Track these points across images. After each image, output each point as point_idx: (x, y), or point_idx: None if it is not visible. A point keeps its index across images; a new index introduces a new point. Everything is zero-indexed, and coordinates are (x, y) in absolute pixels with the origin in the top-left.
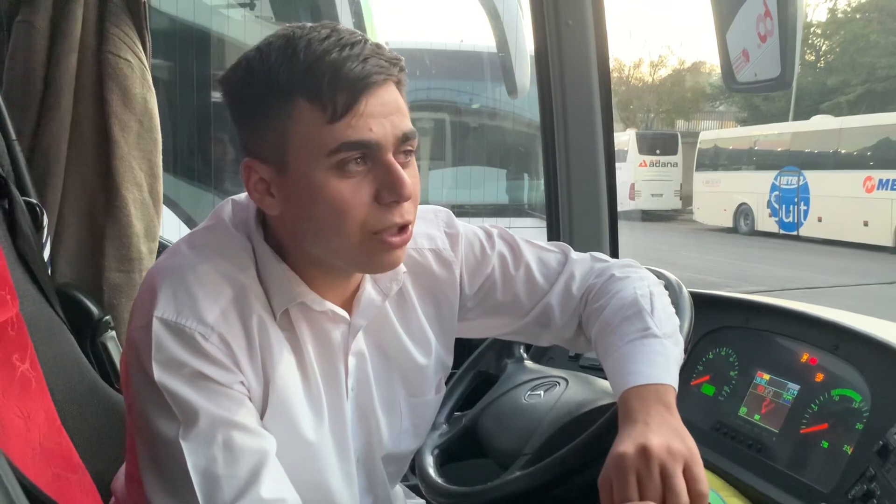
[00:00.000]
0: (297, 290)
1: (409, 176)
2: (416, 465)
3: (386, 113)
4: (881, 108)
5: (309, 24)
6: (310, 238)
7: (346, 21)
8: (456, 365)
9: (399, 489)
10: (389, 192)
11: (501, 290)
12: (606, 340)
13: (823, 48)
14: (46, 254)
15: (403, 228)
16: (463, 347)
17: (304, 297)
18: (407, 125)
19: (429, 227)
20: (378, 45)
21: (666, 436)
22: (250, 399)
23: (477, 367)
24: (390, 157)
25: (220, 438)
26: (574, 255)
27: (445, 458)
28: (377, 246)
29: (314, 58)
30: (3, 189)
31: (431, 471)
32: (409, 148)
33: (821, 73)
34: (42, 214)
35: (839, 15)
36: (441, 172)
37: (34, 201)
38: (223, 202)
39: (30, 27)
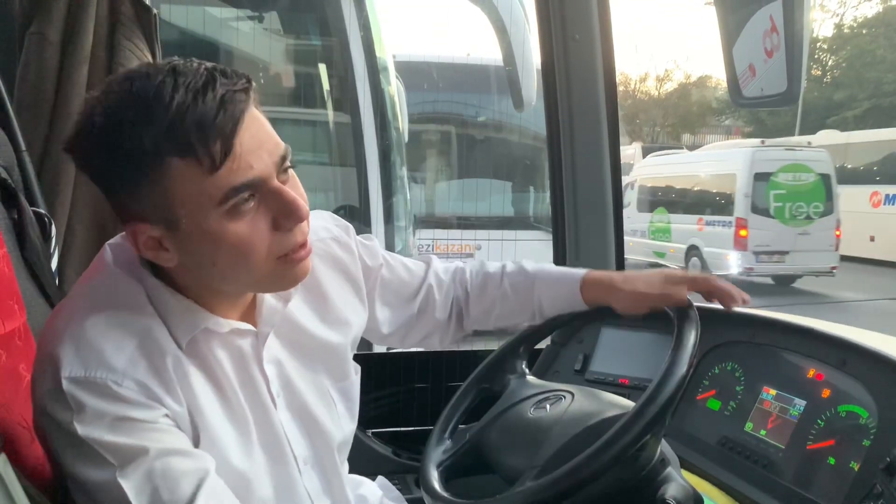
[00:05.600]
0: (198, 318)
1: (295, 191)
2: (420, 481)
3: (259, 144)
4: (887, 124)
5: (144, 69)
6: (217, 279)
7: (354, 34)
8: (459, 380)
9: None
10: (287, 219)
11: (389, 271)
12: (516, 282)
13: (830, 63)
14: (54, 264)
15: (305, 242)
16: (466, 362)
17: (206, 322)
18: (281, 146)
19: (321, 221)
20: (224, 72)
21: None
22: (180, 428)
23: (479, 385)
24: (276, 184)
25: (158, 467)
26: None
27: (451, 473)
28: (285, 266)
29: (173, 113)
30: (12, 199)
31: (436, 484)
32: (287, 164)
33: (827, 88)
34: (50, 224)
35: (845, 30)
36: (447, 185)
37: (43, 211)
38: (102, 249)
39: (42, 39)
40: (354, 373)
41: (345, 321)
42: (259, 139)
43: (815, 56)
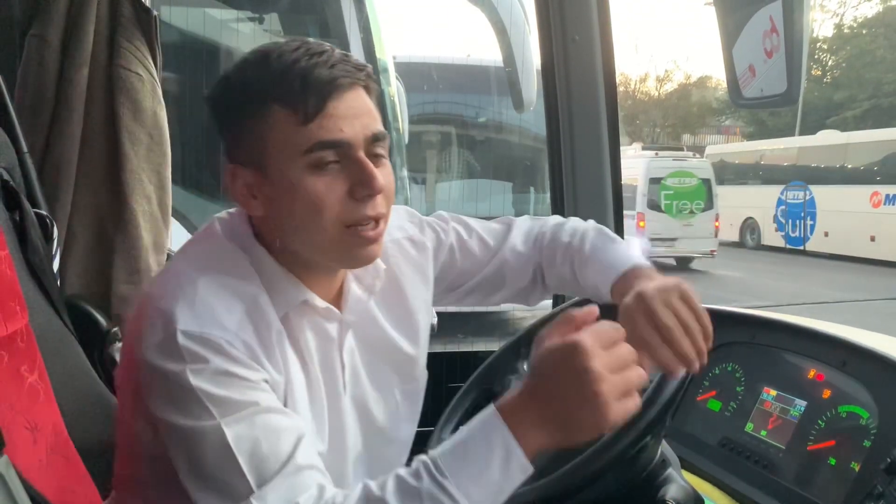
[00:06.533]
0: (298, 291)
1: (382, 174)
2: None
3: (355, 115)
4: (887, 124)
5: (282, 41)
6: (291, 235)
7: (354, 36)
8: (459, 381)
9: None
10: (362, 187)
11: (460, 257)
12: (580, 261)
13: (830, 63)
14: (56, 265)
15: (377, 222)
16: (467, 363)
17: (305, 295)
18: (377, 127)
19: (398, 220)
20: (345, 54)
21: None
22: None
23: (480, 385)
24: (361, 154)
25: (260, 421)
26: (516, 219)
27: None
28: (353, 240)
29: (285, 66)
30: (14, 201)
31: None
32: (380, 149)
33: (827, 89)
34: (52, 226)
35: (845, 30)
36: (448, 185)
37: (44, 213)
38: (210, 221)
39: (42, 41)
40: (423, 376)
41: (418, 330)
42: (356, 112)
43: (815, 56)
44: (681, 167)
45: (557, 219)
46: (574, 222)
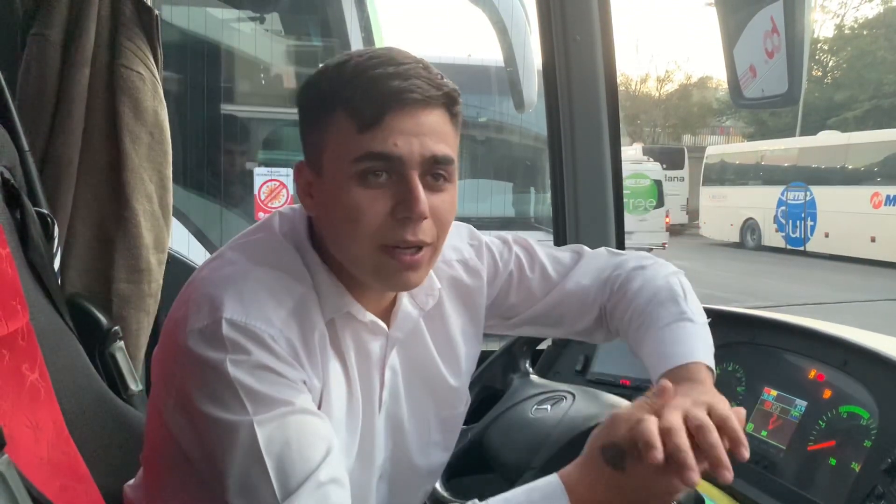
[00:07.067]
0: (344, 300)
1: (440, 200)
2: None
3: (417, 132)
4: (888, 124)
5: (373, 48)
6: (332, 242)
7: (354, 35)
8: None
9: None
10: (403, 208)
11: (516, 287)
12: (641, 328)
13: (830, 64)
14: (57, 264)
15: (419, 248)
16: None
17: (350, 306)
18: (440, 149)
19: (453, 240)
20: (430, 70)
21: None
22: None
23: (482, 382)
24: (413, 174)
25: (294, 422)
26: (588, 251)
27: (452, 472)
28: (389, 261)
29: (358, 72)
30: (15, 200)
31: (438, 485)
32: (440, 172)
33: (828, 89)
34: (53, 225)
35: (846, 31)
36: None
37: (45, 212)
38: (270, 215)
39: (44, 40)
40: (464, 404)
41: (459, 359)
42: (419, 130)
43: (816, 57)
44: (637, 170)
45: (640, 258)
46: (654, 270)
